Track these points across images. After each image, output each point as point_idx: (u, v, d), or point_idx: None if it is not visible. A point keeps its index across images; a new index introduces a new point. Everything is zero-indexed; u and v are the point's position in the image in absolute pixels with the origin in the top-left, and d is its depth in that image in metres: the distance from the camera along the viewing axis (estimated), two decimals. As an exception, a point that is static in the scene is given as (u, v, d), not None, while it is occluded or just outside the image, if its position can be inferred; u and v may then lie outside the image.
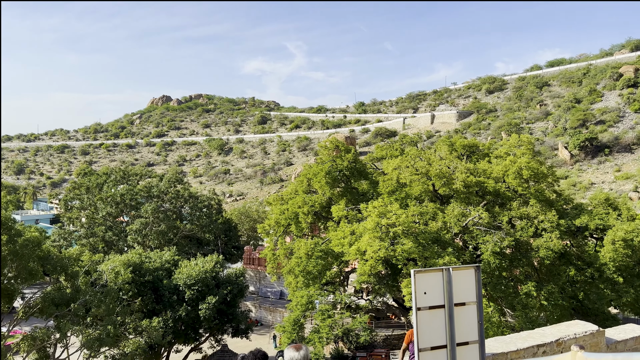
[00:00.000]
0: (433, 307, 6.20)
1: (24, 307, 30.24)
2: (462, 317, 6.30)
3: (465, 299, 6.36)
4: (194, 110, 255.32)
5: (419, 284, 6.12)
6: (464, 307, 6.34)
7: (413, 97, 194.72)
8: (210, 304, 37.92)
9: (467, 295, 6.35)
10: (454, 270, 6.25)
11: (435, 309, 6.21)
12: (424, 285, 6.14)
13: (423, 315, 6.14)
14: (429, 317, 6.17)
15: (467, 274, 6.36)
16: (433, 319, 6.18)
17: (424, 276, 6.15)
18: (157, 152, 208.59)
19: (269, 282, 64.06)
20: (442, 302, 6.24)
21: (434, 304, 6.20)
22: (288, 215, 32.44)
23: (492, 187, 27.75)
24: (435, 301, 6.20)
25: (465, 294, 6.33)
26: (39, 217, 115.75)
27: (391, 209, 24.75)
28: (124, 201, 59.10)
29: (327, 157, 32.24)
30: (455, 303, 6.24)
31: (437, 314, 6.20)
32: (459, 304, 6.30)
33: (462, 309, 6.32)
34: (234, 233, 72.14)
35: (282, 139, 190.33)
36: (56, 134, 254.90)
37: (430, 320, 6.16)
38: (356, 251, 25.23)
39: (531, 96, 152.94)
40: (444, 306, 6.25)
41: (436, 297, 6.21)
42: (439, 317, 6.21)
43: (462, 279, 6.30)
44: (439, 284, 6.17)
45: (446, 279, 6.20)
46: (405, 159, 28.27)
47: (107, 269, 34.83)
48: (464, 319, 6.31)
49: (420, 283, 6.13)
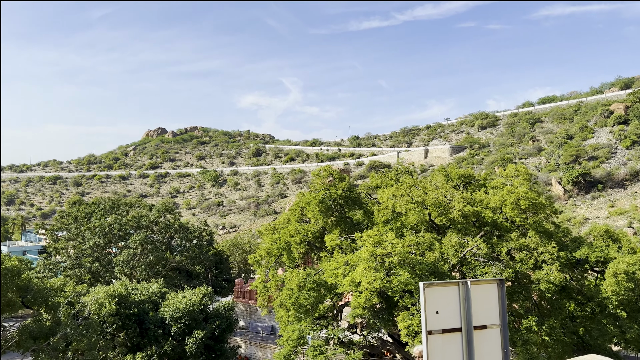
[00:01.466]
0: (447, 330, 5.04)
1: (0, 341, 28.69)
2: (483, 343, 5.13)
3: (487, 320, 5.21)
4: (188, 142, 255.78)
5: (430, 301, 4.99)
6: (485, 331, 5.17)
7: (407, 131, 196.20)
8: (197, 339, 36.39)
9: (489, 316, 5.16)
10: (473, 285, 5.13)
11: (449, 333, 5.05)
12: (435, 303, 4.99)
13: (435, 341, 5.00)
14: (442, 343, 5.00)
15: (488, 290, 5.21)
16: (447, 345, 5.01)
17: (436, 291, 5.03)
18: (150, 183, 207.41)
19: (260, 317, 62.15)
20: (459, 325, 5.10)
21: (448, 327, 5.04)
22: (280, 245, 31.41)
23: (490, 217, 27.03)
24: (449, 323, 5.05)
25: (487, 315, 5.16)
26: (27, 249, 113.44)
27: (386, 238, 23.90)
28: (112, 231, 57.74)
29: (320, 186, 31.53)
30: (474, 326, 5.10)
31: (452, 339, 5.04)
32: (479, 327, 5.15)
33: (483, 333, 5.16)
34: (225, 265, 70.56)
35: (277, 172, 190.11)
36: (49, 165, 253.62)
37: (443, 347, 4.99)
38: (350, 282, 24.19)
39: (523, 132, 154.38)
40: (460, 329, 5.09)
41: (451, 318, 5.06)
42: (455, 344, 5.05)
43: (483, 295, 5.16)
44: (454, 301, 5.04)
45: (463, 296, 5.06)
46: (401, 188, 27.60)
47: (90, 300, 33.42)
48: (485, 346, 5.13)
49: (431, 299, 4.99)
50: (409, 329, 22.64)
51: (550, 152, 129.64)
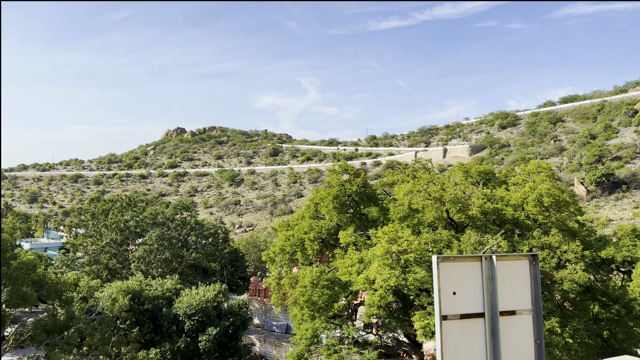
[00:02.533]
0: (467, 315, 4.17)
1: (15, 334, 28.72)
2: (511, 332, 4.25)
3: (516, 304, 4.34)
4: (207, 142, 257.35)
5: (446, 279, 4.09)
6: (513, 317, 4.28)
7: (425, 131, 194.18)
8: (210, 336, 36.08)
9: (519, 299, 4.26)
10: (500, 260, 4.21)
11: (469, 319, 4.18)
12: (452, 281, 4.10)
13: (451, 329, 4.14)
14: (461, 331, 4.14)
15: (518, 267, 4.27)
16: (466, 334, 4.13)
17: (453, 267, 4.11)
18: (169, 182, 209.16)
19: (274, 315, 61.77)
20: (481, 309, 4.24)
21: (468, 311, 4.18)
22: (293, 242, 30.85)
23: (511, 215, 26.06)
24: (470, 306, 4.18)
25: (517, 298, 4.26)
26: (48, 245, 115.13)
27: (402, 234, 23.16)
28: (129, 228, 57.91)
29: (335, 182, 30.88)
30: (501, 311, 4.26)
31: (473, 326, 4.15)
32: (507, 312, 4.29)
33: (511, 320, 4.27)
34: (241, 263, 70.35)
35: (294, 171, 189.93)
36: (71, 164, 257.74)
37: (461, 336, 4.13)
38: (364, 280, 23.51)
39: (545, 132, 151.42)
40: (483, 315, 4.23)
41: (471, 301, 4.18)
42: (476, 332, 4.16)
43: (512, 274, 4.26)
44: (475, 280, 4.15)
45: (487, 273, 4.16)
46: (418, 184, 26.79)
47: (104, 295, 33.33)
48: (514, 336, 4.24)
49: (447, 277, 4.10)
50: (426, 329, 21.89)
51: (572, 152, 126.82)
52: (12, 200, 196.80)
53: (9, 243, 30.49)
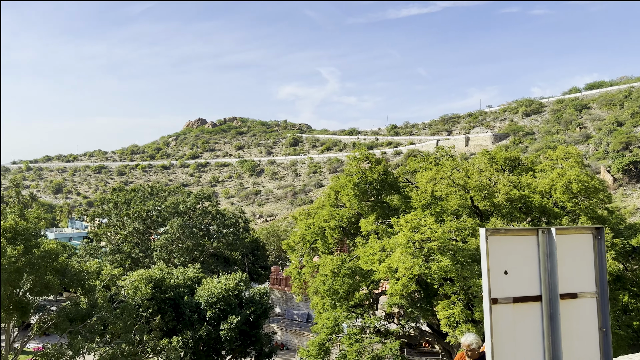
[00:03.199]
0: (521, 299, 3.58)
1: (39, 322, 29.08)
2: (572, 319, 3.66)
3: (579, 286, 3.78)
4: (227, 132, 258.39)
5: (496, 257, 3.50)
6: (575, 301, 3.72)
7: (447, 119, 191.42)
8: (232, 324, 36.08)
9: (582, 280, 3.66)
10: (560, 234, 3.60)
11: (524, 303, 3.59)
12: (504, 259, 3.52)
13: (502, 314, 3.59)
14: (514, 316, 3.58)
15: (581, 243, 3.68)
16: (520, 320, 3.55)
17: (504, 242, 3.52)
18: (190, 173, 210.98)
19: (295, 304, 61.79)
20: (537, 291, 3.65)
21: (522, 294, 3.59)
22: (314, 230, 30.48)
23: (538, 202, 25.20)
24: (524, 288, 3.58)
25: (579, 278, 3.65)
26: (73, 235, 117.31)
27: (425, 222, 22.56)
28: (151, 217, 58.37)
29: (356, 169, 30.31)
30: (561, 294, 3.67)
31: (528, 311, 3.57)
32: (568, 295, 3.72)
33: (573, 304, 3.69)
34: (262, 253, 70.48)
35: (314, 161, 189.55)
36: (94, 155, 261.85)
37: (515, 322, 3.54)
38: (386, 269, 23.02)
39: (570, 119, 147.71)
40: (539, 298, 3.63)
41: (526, 282, 3.59)
42: (531, 318, 3.57)
43: (574, 250, 3.66)
44: (531, 257, 3.56)
45: (544, 250, 3.56)
46: (441, 171, 26.07)
47: (126, 284, 33.53)
48: (576, 323, 3.66)
49: (497, 254, 3.51)
50: (450, 318, 21.35)
51: (598, 140, 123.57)
52: (37, 191, 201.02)
53: (32, 232, 30.79)
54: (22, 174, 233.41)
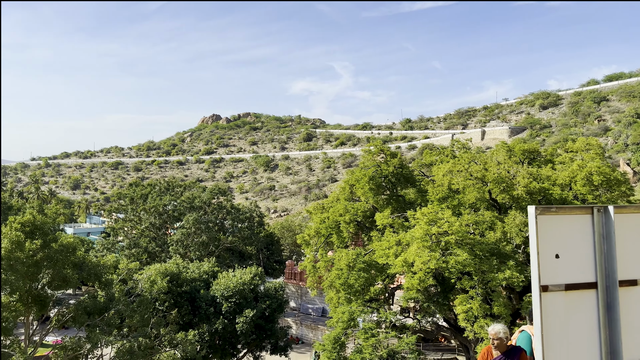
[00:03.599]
0: (574, 286, 3.20)
1: (57, 315, 29.40)
2: (633, 308, 3.27)
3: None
4: (241, 128, 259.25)
5: (546, 238, 3.14)
6: (636, 288, 3.34)
7: (462, 113, 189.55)
8: (247, 318, 36.16)
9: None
10: (618, 213, 3.25)
11: (578, 291, 3.22)
12: (555, 241, 3.16)
13: (553, 302, 3.21)
14: (566, 305, 3.20)
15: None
16: (573, 310, 3.18)
17: (556, 222, 3.18)
18: (205, 168, 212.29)
19: (310, 298, 61.81)
20: (593, 278, 3.27)
21: (575, 280, 3.20)
22: (329, 224, 30.29)
23: (558, 194, 24.66)
24: (578, 274, 3.20)
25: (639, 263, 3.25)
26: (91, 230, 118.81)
27: (442, 216, 22.22)
28: (167, 212, 58.76)
29: (370, 163, 30.03)
30: (620, 280, 3.29)
31: (583, 300, 3.20)
32: (627, 282, 3.33)
33: (633, 292, 3.30)
34: (276, 247, 70.60)
35: (327, 156, 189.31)
36: (111, 151, 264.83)
37: (567, 312, 3.16)
38: (403, 263, 22.75)
39: (588, 111, 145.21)
40: (595, 285, 3.25)
41: (580, 267, 3.21)
42: (586, 308, 3.20)
43: (633, 231, 3.30)
44: (585, 239, 3.21)
45: (600, 231, 3.21)
46: (458, 163, 25.66)
47: (142, 277, 33.75)
48: (637, 313, 3.27)
49: (548, 236, 3.15)
50: (468, 313, 21.02)
51: (617, 132, 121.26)
52: (55, 187, 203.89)
53: (50, 227, 31.07)
54: (41, 171, 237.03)
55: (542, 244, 3.05)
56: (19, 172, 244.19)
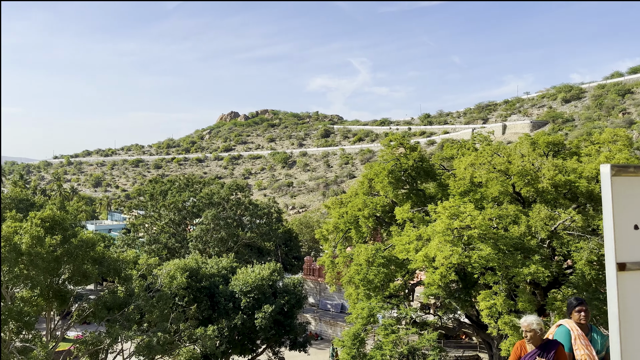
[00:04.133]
0: None
1: (78, 310, 29.61)
2: None
3: None
4: (259, 125, 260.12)
5: (623, 205, 2.70)
6: None
7: (482, 107, 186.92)
8: (266, 313, 36.03)
9: None
10: None
11: None
12: (634, 209, 2.72)
13: (632, 283, 2.75)
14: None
15: None
16: None
17: (635, 185, 2.71)
18: (224, 165, 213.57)
19: (329, 295, 61.55)
20: None
21: None
22: (347, 219, 29.87)
23: (585, 187, 23.85)
24: None
25: None
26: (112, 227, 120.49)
27: (465, 209, 21.63)
28: (186, 208, 59.03)
29: (390, 156, 29.48)
30: None
31: None
32: None
33: None
34: (295, 243, 70.46)
35: (345, 152, 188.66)
36: (131, 149, 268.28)
37: None
38: (423, 258, 22.24)
39: (612, 104, 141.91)
40: None
41: None
42: None
43: None
44: None
45: None
46: (481, 156, 25.00)
47: (162, 273, 33.83)
48: None
49: (624, 202, 2.71)
50: (492, 309, 20.44)
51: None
52: (77, 185, 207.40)
53: (70, 222, 31.29)
54: (63, 169, 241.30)
55: (617, 213, 2.57)
56: (42, 170, 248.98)
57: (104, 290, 36.34)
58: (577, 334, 6.67)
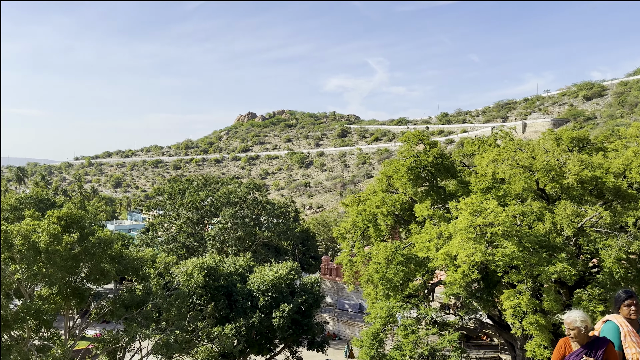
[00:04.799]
0: None
1: (96, 309, 29.65)
2: None
3: None
4: (276, 125, 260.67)
5: None
6: None
7: (502, 106, 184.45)
8: (284, 313, 35.72)
9: None
10: None
11: None
12: None
13: None
14: None
15: None
16: None
17: None
18: (242, 166, 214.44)
19: (347, 294, 61.04)
20: None
21: None
22: (365, 217, 29.33)
23: (612, 183, 22.99)
24: None
25: None
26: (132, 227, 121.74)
27: (487, 206, 20.97)
28: (204, 207, 59.10)
29: (409, 153, 28.88)
30: None
31: None
32: None
33: None
34: (312, 243, 70.11)
35: (362, 152, 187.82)
36: (151, 150, 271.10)
37: None
38: (445, 256, 21.63)
39: (635, 101, 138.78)
40: None
41: None
42: None
43: None
44: None
45: None
46: (504, 151, 24.28)
47: (179, 271, 33.74)
48: None
49: None
50: (516, 309, 19.76)
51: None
52: (98, 185, 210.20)
53: (88, 221, 31.33)
54: (84, 170, 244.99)
55: None
56: (64, 171, 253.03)
57: (122, 289, 36.44)
58: (627, 330, 6.09)
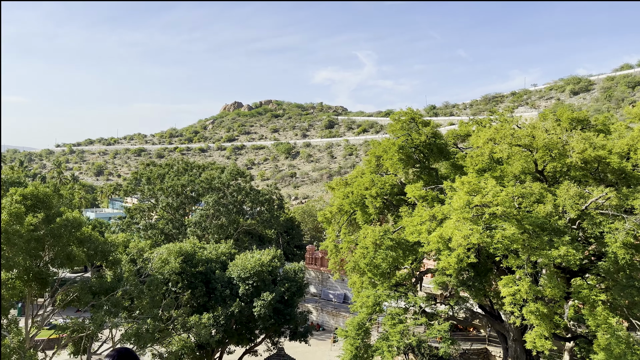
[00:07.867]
0: None
1: (61, 295, 27.53)
2: None
3: None
4: (263, 115, 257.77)
5: None
6: None
7: (489, 99, 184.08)
8: (265, 301, 33.90)
9: None
10: None
11: None
12: None
13: None
14: None
15: None
16: None
17: None
18: (227, 155, 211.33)
19: (332, 284, 59.46)
20: None
21: None
22: (353, 200, 27.52)
23: (617, 163, 21.52)
24: None
25: None
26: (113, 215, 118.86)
27: (485, 185, 19.35)
28: (185, 192, 56.88)
29: (400, 132, 27.12)
30: None
31: None
32: None
33: None
34: (297, 232, 68.35)
35: (349, 143, 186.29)
36: (134, 138, 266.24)
37: None
38: (438, 238, 19.97)
39: (622, 96, 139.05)
40: None
41: None
42: None
43: None
44: None
45: None
46: (502, 129, 22.67)
47: (153, 257, 31.67)
48: None
49: None
50: (515, 296, 18.20)
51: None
52: (79, 173, 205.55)
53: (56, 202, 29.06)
54: (65, 157, 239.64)
55: None
56: (44, 158, 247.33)
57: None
58: None
